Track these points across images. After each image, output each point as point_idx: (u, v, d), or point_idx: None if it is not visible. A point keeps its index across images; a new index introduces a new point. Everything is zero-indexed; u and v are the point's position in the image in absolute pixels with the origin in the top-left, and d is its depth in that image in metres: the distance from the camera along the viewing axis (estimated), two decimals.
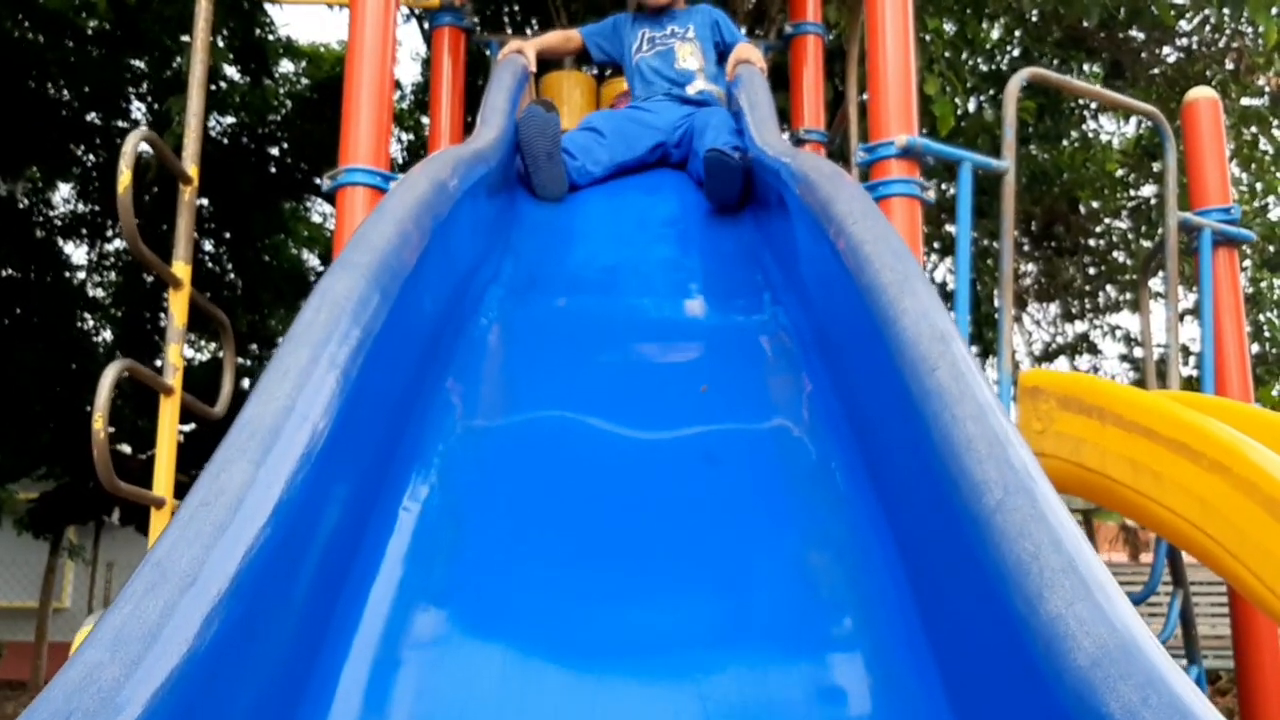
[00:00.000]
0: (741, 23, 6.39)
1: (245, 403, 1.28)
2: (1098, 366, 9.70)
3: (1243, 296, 3.55)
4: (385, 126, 2.97)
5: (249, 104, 9.31)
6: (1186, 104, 3.58)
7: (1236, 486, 2.18)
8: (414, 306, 1.75)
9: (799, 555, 1.48)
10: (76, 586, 15.72)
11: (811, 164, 2.28)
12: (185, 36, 7.21)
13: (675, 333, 2.31)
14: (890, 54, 2.98)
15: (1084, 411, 2.54)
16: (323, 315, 1.46)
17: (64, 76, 8.58)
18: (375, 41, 2.97)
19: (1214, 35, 6.84)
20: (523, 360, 2.09)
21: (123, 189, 2.48)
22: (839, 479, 1.62)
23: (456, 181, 2.17)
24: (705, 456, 1.70)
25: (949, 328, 1.47)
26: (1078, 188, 8.02)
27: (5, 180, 9.35)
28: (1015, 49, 7.16)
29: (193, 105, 2.96)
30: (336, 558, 1.33)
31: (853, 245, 1.77)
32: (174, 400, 2.74)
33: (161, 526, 2.64)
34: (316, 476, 1.25)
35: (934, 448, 1.29)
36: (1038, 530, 1.11)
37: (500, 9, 7.42)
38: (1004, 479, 1.18)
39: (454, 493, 1.58)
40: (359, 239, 1.66)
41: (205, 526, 1.09)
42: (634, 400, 1.92)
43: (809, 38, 4.22)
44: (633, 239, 2.89)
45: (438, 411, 1.77)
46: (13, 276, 9.46)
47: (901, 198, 2.83)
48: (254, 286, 10.19)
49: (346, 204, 2.85)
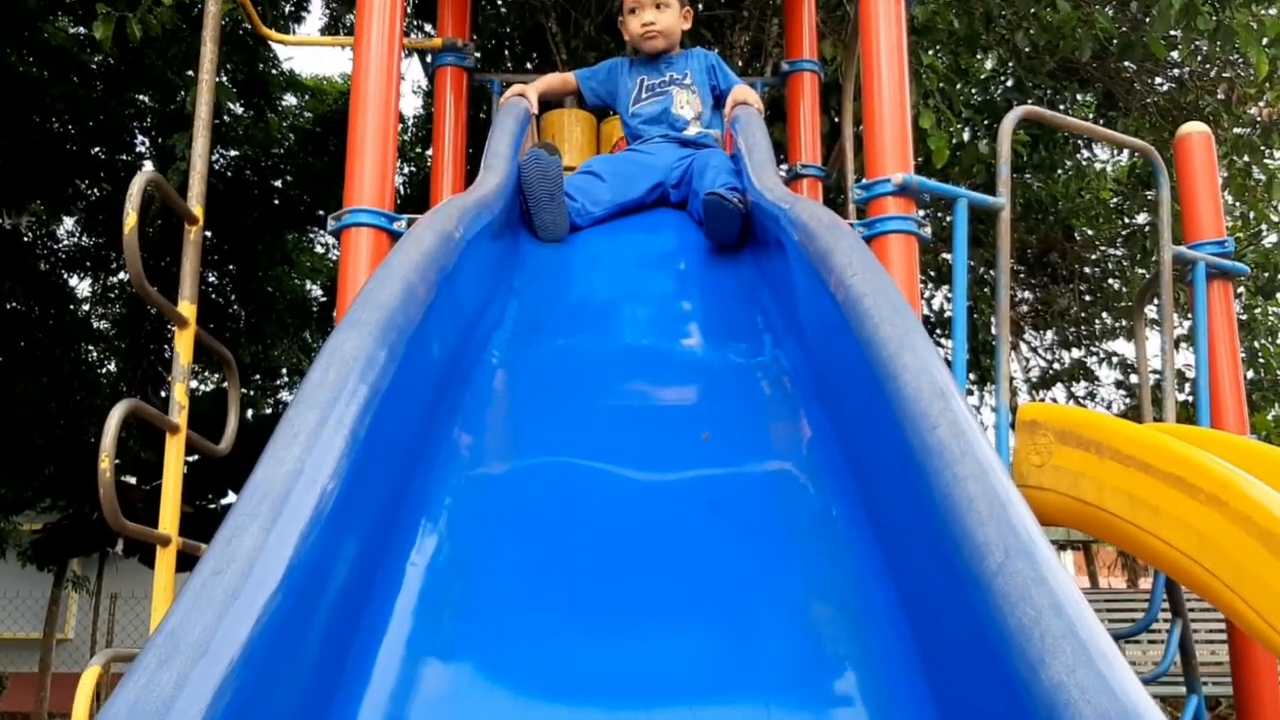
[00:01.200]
0: (738, 58, 6.47)
1: (256, 464, 1.31)
2: (1094, 393, 9.72)
3: (1237, 324, 3.58)
4: (389, 167, 3.00)
5: (252, 137, 9.38)
6: (1179, 138, 3.62)
7: (1233, 520, 2.20)
8: (421, 360, 1.77)
9: (802, 606, 1.50)
10: (80, 618, 15.68)
11: (810, 212, 2.31)
12: (190, 72, 7.28)
13: (677, 376, 2.32)
14: (885, 92, 3.01)
15: (1082, 445, 2.56)
16: (331, 375, 1.49)
17: (68, 111, 8.65)
18: (379, 84, 3.01)
19: (1205, 66, 6.90)
20: (528, 406, 2.11)
21: (129, 230, 2.49)
22: (841, 527, 1.63)
23: (461, 232, 2.20)
24: (709, 505, 1.72)
25: (949, 384, 1.49)
26: (1072, 216, 8.07)
27: (10, 214, 9.41)
28: (1008, 80, 7.22)
29: (198, 146, 2.99)
30: (345, 615, 1.34)
31: (852, 298, 1.80)
32: (179, 438, 2.75)
33: (167, 563, 2.66)
34: (326, 537, 1.28)
35: (935, 506, 1.31)
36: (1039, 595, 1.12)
37: (501, 47, 7.50)
38: (1005, 541, 1.20)
39: (461, 544, 1.60)
40: (366, 296, 1.70)
41: (217, 594, 1.11)
42: (637, 445, 1.94)
43: (805, 75, 4.27)
44: (634, 280, 2.92)
45: (444, 461, 1.79)
46: (17, 309, 9.50)
47: (898, 234, 2.86)
48: (257, 317, 10.23)
49: (351, 244, 2.87)
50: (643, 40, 3.71)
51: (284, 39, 4.42)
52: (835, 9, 6.06)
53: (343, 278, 2.88)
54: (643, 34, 3.69)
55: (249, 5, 3.51)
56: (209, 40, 3.05)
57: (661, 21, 3.68)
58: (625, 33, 3.82)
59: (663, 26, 3.68)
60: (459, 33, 4.00)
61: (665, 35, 3.70)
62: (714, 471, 1.87)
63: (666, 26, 3.69)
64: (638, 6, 3.70)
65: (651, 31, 3.68)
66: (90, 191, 9.61)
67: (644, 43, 3.72)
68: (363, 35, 3.03)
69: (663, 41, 3.70)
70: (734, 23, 6.56)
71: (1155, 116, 7.05)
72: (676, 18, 3.73)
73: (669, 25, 3.70)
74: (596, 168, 3.43)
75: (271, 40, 3.98)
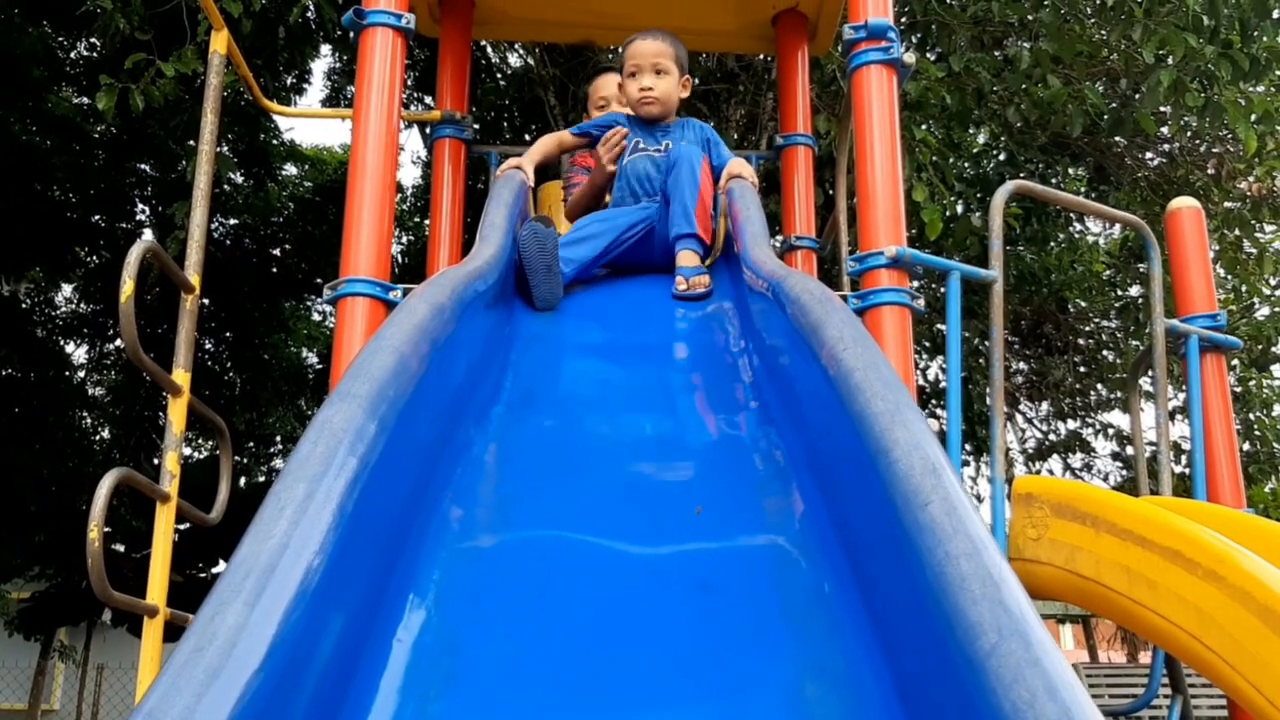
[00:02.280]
0: (733, 131, 6.57)
1: (241, 538, 1.30)
2: (1091, 465, 9.71)
3: (1231, 396, 3.58)
4: (386, 238, 3.02)
5: (252, 206, 9.48)
6: (1170, 213, 3.65)
7: (1231, 596, 2.19)
8: (411, 432, 1.76)
9: (795, 687, 1.47)
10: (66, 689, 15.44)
11: (803, 285, 2.31)
12: (190, 142, 7.37)
13: (669, 450, 2.30)
14: (879, 166, 3.04)
15: (1078, 519, 2.55)
16: (320, 448, 1.47)
17: (70, 180, 8.74)
18: (377, 155, 3.04)
19: (1195, 142, 7.01)
20: (519, 480, 2.09)
21: (125, 299, 2.48)
22: (834, 605, 1.61)
23: (455, 304, 2.20)
24: (700, 584, 1.70)
25: (941, 460, 1.48)
26: (1066, 288, 8.14)
27: (9, 281, 9.46)
28: (1001, 154, 7.33)
29: (196, 215, 3.00)
30: (329, 694, 1.31)
31: (844, 372, 1.79)
32: (170, 507, 2.73)
33: (154, 635, 2.63)
34: (311, 614, 1.25)
35: (927, 584, 1.29)
36: (1033, 676, 1.11)
37: (500, 119, 7.60)
38: (998, 622, 1.19)
39: (448, 620, 1.58)
40: (357, 369, 1.69)
41: (198, 673, 1.09)
42: (630, 520, 1.92)
43: (800, 148, 4.33)
44: (626, 350, 2.93)
45: (433, 535, 1.77)
46: (13, 375, 9.50)
47: (892, 306, 2.88)
48: (253, 385, 10.24)
49: (346, 313, 2.89)
50: (640, 105, 3.75)
51: (285, 111, 4.48)
52: (829, 84, 6.17)
53: (337, 347, 2.88)
54: (640, 98, 3.73)
55: (250, 78, 3.55)
56: (210, 112, 3.08)
57: (659, 88, 3.72)
58: (623, 95, 3.86)
59: (660, 93, 3.72)
60: (457, 105, 4.06)
61: (662, 102, 3.73)
62: (706, 546, 1.85)
63: (664, 93, 3.73)
64: (637, 71, 3.73)
65: (649, 97, 3.71)
66: (89, 259, 9.68)
67: (641, 107, 3.75)
68: (362, 108, 3.07)
69: (658, 108, 3.73)
70: (729, 97, 6.68)
71: (1146, 191, 7.14)
72: (674, 85, 3.76)
73: (666, 91, 3.74)
74: (583, 230, 3.48)
75: (272, 112, 4.03)
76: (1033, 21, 6.23)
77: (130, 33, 5.41)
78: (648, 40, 3.76)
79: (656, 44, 3.74)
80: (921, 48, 6.48)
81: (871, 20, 3.09)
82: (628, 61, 3.77)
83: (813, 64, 4.73)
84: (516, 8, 4.34)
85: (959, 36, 6.22)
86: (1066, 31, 5.90)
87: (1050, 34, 5.89)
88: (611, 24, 4.46)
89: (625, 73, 3.78)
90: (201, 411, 2.88)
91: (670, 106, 3.78)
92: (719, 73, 6.69)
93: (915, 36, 6.45)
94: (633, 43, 3.77)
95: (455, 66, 4.13)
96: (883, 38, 3.09)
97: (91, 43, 8.00)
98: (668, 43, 3.76)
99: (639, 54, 3.74)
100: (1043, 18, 5.95)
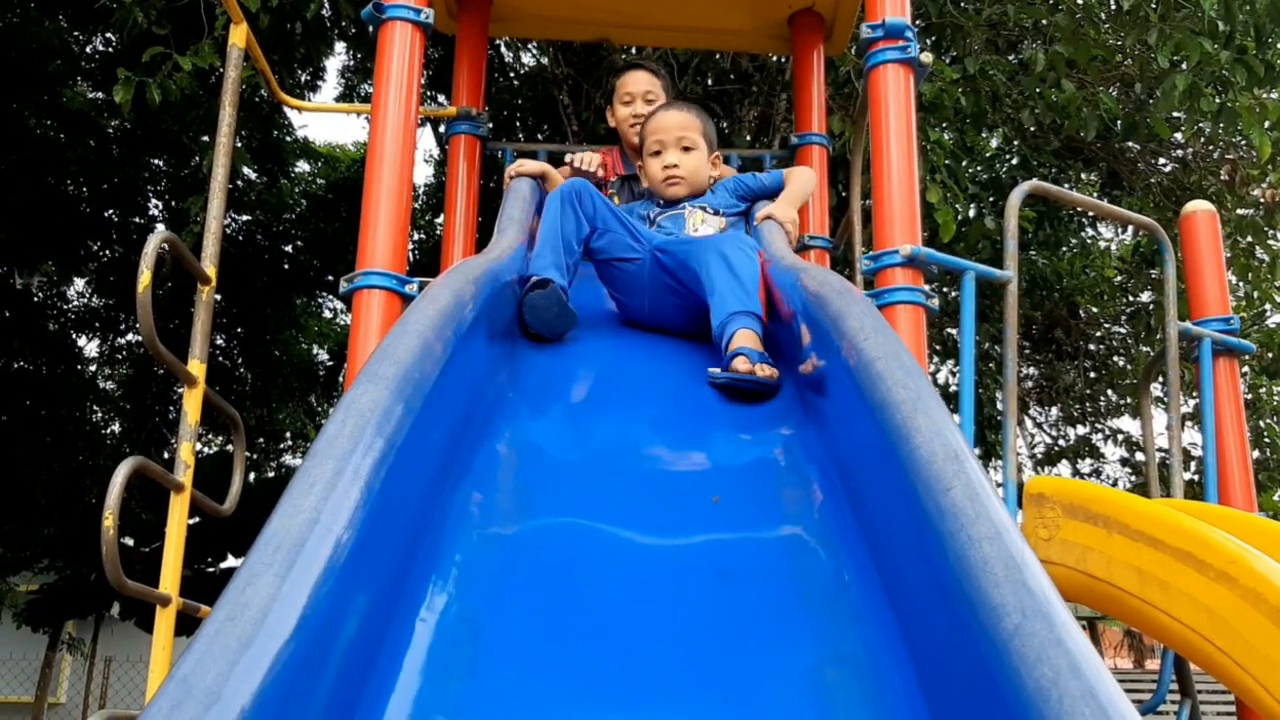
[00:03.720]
0: (746, 131, 6.58)
1: (271, 514, 1.31)
2: (1100, 470, 9.70)
3: (1243, 403, 3.58)
4: (403, 231, 3.03)
5: (265, 202, 9.51)
6: (1184, 216, 3.65)
7: (1243, 597, 2.19)
8: (435, 415, 1.77)
9: (815, 674, 1.48)
10: (73, 681, 15.50)
11: (821, 277, 2.32)
12: (205, 137, 7.40)
13: (688, 439, 2.32)
14: (895, 164, 3.03)
15: (1090, 519, 2.55)
16: (348, 428, 1.49)
17: (84, 174, 8.78)
18: (395, 148, 3.05)
19: (1209, 147, 7.00)
20: (538, 467, 2.10)
21: (142, 289, 2.48)
22: (854, 593, 1.62)
23: (476, 291, 2.22)
24: (719, 571, 1.71)
25: (962, 447, 1.49)
26: (1077, 292, 8.14)
27: (21, 274, 9.50)
28: (1014, 157, 7.33)
29: (213, 208, 3.01)
30: (355, 670, 1.33)
31: (864, 361, 1.80)
32: (184, 498, 2.73)
33: (166, 624, 2.63)
34: (340, 589, 1.27)
35: (949, 568, 1.30)
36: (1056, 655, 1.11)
37: (513, 117, 7.62)
38: (1021, 602, 1.19)
39: (470, 603, 1.59)
40: (383, 351, 1.71)
41: (230, 641, 1.10)
42: (649, 508, 1.93)
43: (814, 148, 4.32)
44: (644, 341, 2.94)
45: (455, 519, 1.78)
46: (24, 369, 9.55)
47: (906, 305, 2.88)
48: (263, 381, 10.28)
49: (362, 306, 2.90)
50: (664, 186, 3.28)
51: (302, 105, 4.49)
52: (844, 85, 6.17)
53: (353, 339, 2.89)
54: (665, 178, 3.28)
55: (269, 72, 3.57)
56: (228, 105, 3.09)
57: (686, 165, 3.27)
58: (644, 178, 3.42)
59: (686, 170, 3.27)
60: (473, 102, 4.07)
61: (689, 182, 3.28)
62: (724, 535, 1.86)
63: (691, 170, 3.27)
64: (661, 148, 3.28)
65: (674, 176, 3.27)
66: (102, 253, 9.72)
67: (665, 188, 3.28)
68: (380, 101, 3.08)
69: (685, 189, 3.28)
70: (743, 97, 6.69)
71: (1159, 196, 7.14)
72: (703, 162, 3.31)
73: (694, 169, 3.28)
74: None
75: (290, 106, 4.04)
76: (1048, 25, 6.24)
77: (147, 26, 5.44)
78: (671, 112, 3.37)
79: (682, 116, 3.34)
80: (937, 50, 6.49)
81: (889, 19, 3.09)
82: (649, 137, 3.33)
83: (827, 64, 4.73)
84: (534, 5, 4.35)
85: (974, 40, 6.23)
86: (1081, 36, 5.90)
87: (1065, 38, 5.89)
88: (628, 22, 4.47)
89: (647, 150, 3.33)
90: (216, 403, 2.89)
91: (699, 188, 3.32)
92: (733, 72, 6.70)
93: (930, 39, 6.46)
94: (654, 117, 3.37)
95: (472, 63, 4.14)
96: (900, 37, 3.09)
97: (108, 37, 8.03)
98: (695, 115, 3.37)
99: (662, 128, 3.31)
100: (1058, 21, 5.96)
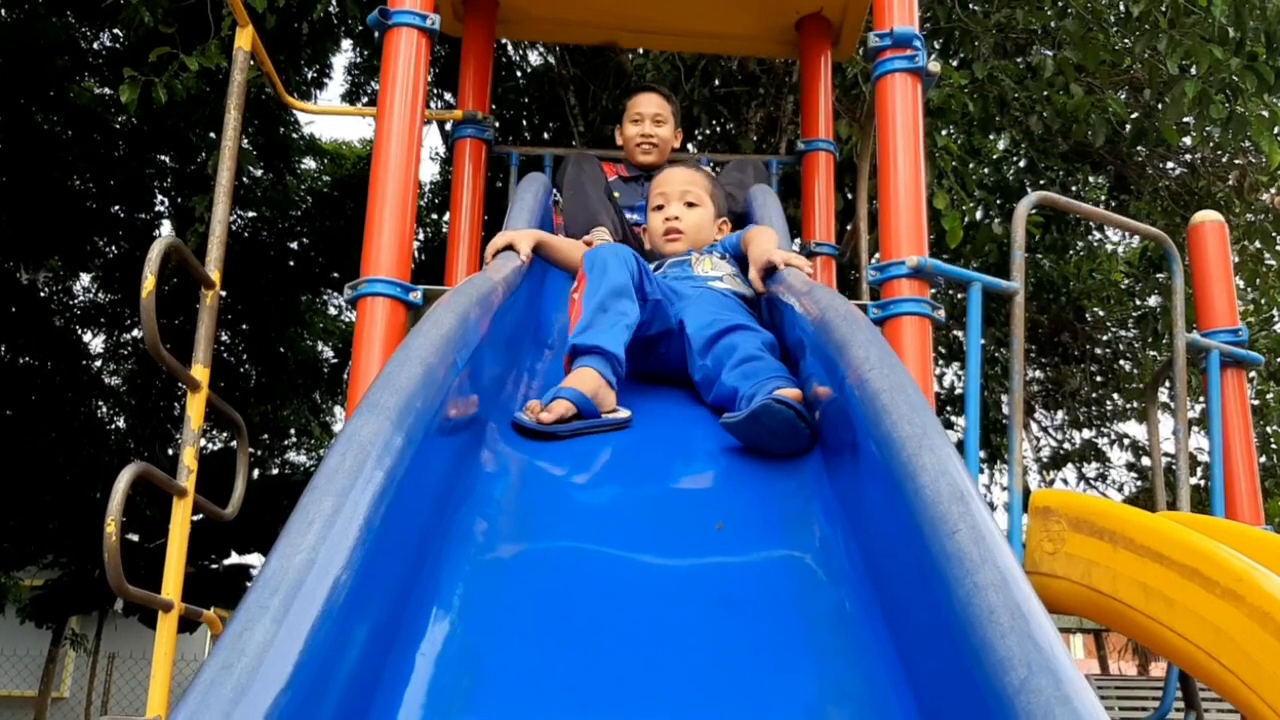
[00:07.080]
0: (752, 134, 6.55)
1: (269, 553, 1.29)
2: (1105, 474, 9.68)
3: (1250, 410, 3.56)
4: (407, 238, 3.02)
5: (270, 199, 9.50)
6: (1193, 226, 3.63)
7: (1250, 615, 2.17)
8: (437, 443, 1.76)
9: (817, 709, 1.46)
10: (76, 677, 15.53)
11: (827, 301, 2.29)
12: (211, 134, 7.40)
13: (691, 465, 2.31)
14: (901, 174, 3.02)
15: (1095, 534, 2.54)
16: (348, 461, 1.47)
17: (90, 170, 8.78)
18: (400, 154, 3.03)
19: (1217, 153, 6.98)
20: (541, 490, 2.08)
21: (146, 294, 2.47)
22: (857, 627, 1.59)
23: (481, 312, 2.20)
24: (721, 599, 1.69)
25: (968, 487, 1.46)
26: (1084, 297, 8.11)
27: (27, 270, 9.51)
28: (1021, 161, 7.30)
29: (218, 211, 2.99)
30: (353, 709, 1.30)
31: (869, 393, 1.78)
32: (186, 502, 2.73)
33: (168, 629, 2.63)
34: (338, 629, 1.26)
35: (955, 615, 1.27)
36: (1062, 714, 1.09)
37: (519, 118, 7.61)
38: (1027, 656, 1.17)
39: (470, 633, 1.56)
40: (385, 380, 1.69)
41: (225, 691, 1.09)
42: (651, 534, 1.90)
43: (821, 154, 4.31)
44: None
45: (456, 546, 1.76)
46: (30, 364, 9.56)
47: (912, 316, 2.87)
48: (268, 378, 10.28)
49: (366, 313, 2.89)
50: (664, 240, 3.17)
51: (307, 108, 4.48)
52: (851, 89, 6.15)
53: (357, 346, 2.89)
54: (664, 232, 3.17)
55: (274, 74, 3.56)
56: (233, 108, 3.07)
57: (688, 219, 3.16)
58: (646, 238, 3.34)
59: (687, 226, 3.16)
60: (479, 104, 4.06)
61: (690, 239, 3.16)
62: (727, 561, 1.84)
63: (692, 226, 3.16)
64: (664, 202, 3.19)
65: (675, 231, 3.16)
66: (108, 249, 9.72)
67: (664, 243, 3.17)
68: (385, 108, 3.07)
69: (684, 244, 3.15)
70: (749, 100, 6.66)
71: (1167, 201, 7.11)
72: (706, 220, 3.20)
73: (695, 225, 3.17)
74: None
75: (296, 109, 4.03)
76: (1056, 30, 6.22)
77: (154, 25, 5.44)
78: (679, 169, 3.29)
79: (687, 173, 3.26)
80: (945, 54, 6.47)
81: (897, 28, 3.07)
82: (653, 192, 3.26)
83: (834, 68, 4.71)
84: (540, 8, 4.33)
85: (982, 44, 6.21)
86: (1090, 40, 5.88)
87: (1074, 42, 5.88)
88: (635, 26, 4.46)
89: (651, 205, 3.25)
90: (219, 407, 2.89)
91: (700, 243, 3.18)
92: (739, 75, 6.68)
93: (938, 42, 6.44)
94: (661, 173, 3.32)
95: (478, 66, 4.13)
96: (908, 46, 3.08)
97: (115, 33, 8.03)
98: (700, 173, 3.30)
99: (666, 183, 3.24)
100: (1066, 26, 5.94)
